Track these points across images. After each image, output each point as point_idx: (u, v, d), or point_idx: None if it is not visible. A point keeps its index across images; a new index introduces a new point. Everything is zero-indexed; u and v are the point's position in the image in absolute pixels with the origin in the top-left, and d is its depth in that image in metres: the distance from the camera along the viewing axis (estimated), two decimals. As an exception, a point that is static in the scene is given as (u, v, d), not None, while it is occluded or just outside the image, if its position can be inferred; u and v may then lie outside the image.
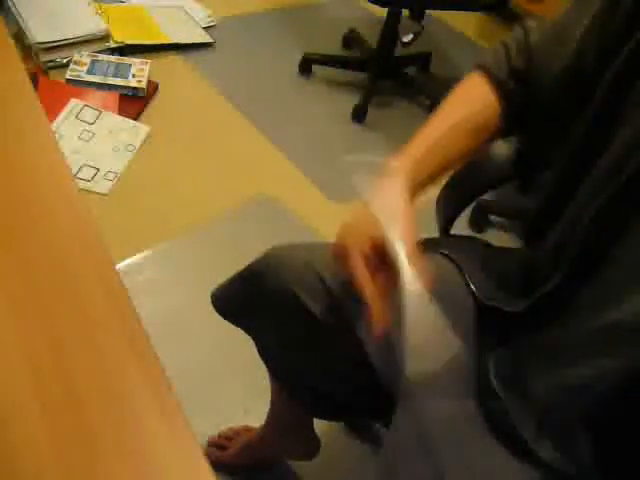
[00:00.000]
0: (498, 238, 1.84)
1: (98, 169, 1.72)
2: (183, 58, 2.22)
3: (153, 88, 2.03)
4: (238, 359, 1.30)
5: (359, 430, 1.29)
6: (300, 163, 1.92)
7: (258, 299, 0.79)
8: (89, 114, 1.86)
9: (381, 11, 2.14)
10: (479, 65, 0.73)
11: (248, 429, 1.19)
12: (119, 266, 1.49)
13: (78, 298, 0.52)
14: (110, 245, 0.57)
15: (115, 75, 1.98)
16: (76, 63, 1.98)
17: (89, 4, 2.19)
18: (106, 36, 2.10)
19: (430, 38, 2.69)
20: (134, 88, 1.96)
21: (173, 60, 2.21)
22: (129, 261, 1.52)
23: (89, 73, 1.96)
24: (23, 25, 1.96)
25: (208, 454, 1.17)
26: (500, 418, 0.63)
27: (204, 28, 2.37)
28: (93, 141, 1.80)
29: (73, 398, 0.46)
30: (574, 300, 0.60)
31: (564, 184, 0.66)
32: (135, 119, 1.90)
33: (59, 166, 0.64)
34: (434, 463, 0.61)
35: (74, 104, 1.87)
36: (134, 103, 1.95)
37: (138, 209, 1.65)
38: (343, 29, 2.50)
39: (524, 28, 0.72)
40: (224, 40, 2.35)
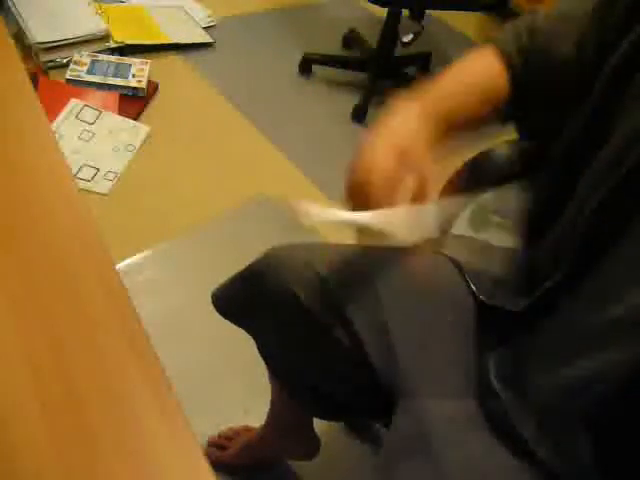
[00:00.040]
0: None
1: (98, 169, 1.72)
2: (183, 58, 2.22)
3: (153, 88, 2.03)
4: (238, 359, 1.30)
5: (359, 430, 1.29)
6: (300, 163, 1.92)
7: (258, 299, 0.79)
8: (89, 114, 1.86)
9: (381, 11, 2.14)
10: (489, 40, 0.74)
11: (248, 429, 1.20)
12: (119, 266, 1.49)
13: (78, 298, 0.52)
14: (110, 245, 0.57)
15: (115, 75, 1.98)
16: (76, 63, 1.98)
17: (89, 4, 2.19)
18: (106, 36, 2.10)
19: (430, 38, 2.69)
20: (134, 88, 1.96)
21: (173, 60, 2.21)
22: (129, 261, 1.52)
23: (89, 73, 1.96)
24: (23, 25, 1.96)
25: (208, 454, 1.17)
26: (500, 418, 0.63)
27: (204, 28, 2.37)
28: (93, 141, 1.80)
29: (73, 398, 0.46)
30: (575, 296, 0.60)
31: (564, 179, 0.66)
32: (135, 119, 1.90)
33: (59, 166, 0.64)
34: (434, 463, 0.61)
35: (74, 104, 1.87)
36: (134, 103, 1.95)
37: (138, 209, 1.65)
38: (343, 29, 2.51)
39: (532, 13, 0.73)
40: (224, 40, 2.35)
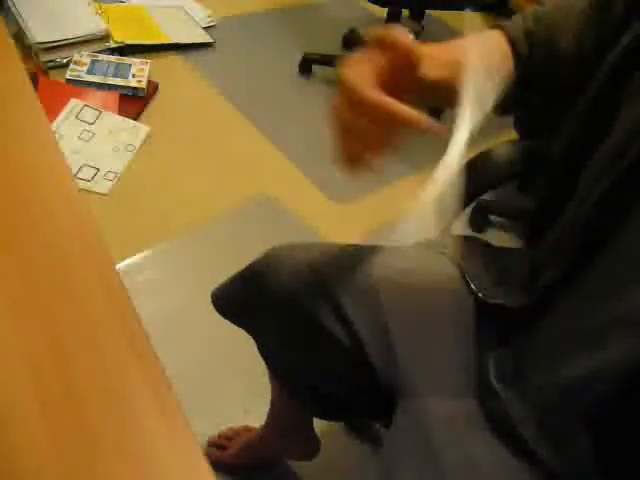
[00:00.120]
0: (498, 238, 1.84)
1: (98, 169, 1.72)
2: (183, 58, 2.22)
3: (153, 88, 2.03)
4: (238, 359, 1.30)
5: (359, 430, 1.29)
6: (300, 163, 1.92)
7: (258, 299, 0.79)
8: (89, 114, 1.86)
9: (381, 11, 2.14)
10: (496, 25, 0.74)
11: (248, 429, 1.20)
12: (119, 266, 1.49)
13: (78, 298, 0.52)
14: (110, 245, 0.57)
15: (115, 75, 1.98)
16: (76, 63, 1.98)
17: (89, 4, 2.19)
18: (106, 36, 2.10)
19: (430, 38, 2.68)
20: (134, 88, 1.96)
21: (173, 60, 2.21)
22: (129, 261, 1.52)
23: (89, 73, 1.96)
24: (23, 25, 1.96)
25: (208, 454, 1.17)
26: (500, 418, 0.63)
27: (204, 28, 2.37)
28: (93, 141, 1.80)
29: (73, 398, 0.46)
30: (574, 294, 0.60)
31: (564, 177, 0.66)
32: (135, 119, 1.90)
33: (59, 166, 0.64)
34: (434, 463, 0.61)
35: (74, 104, 1.87)
36: (134, 103, 1.95)
37: (138, 209, 1.65)
38: (343, 29, 2.50)
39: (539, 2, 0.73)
40: (224, 40, 2.35)
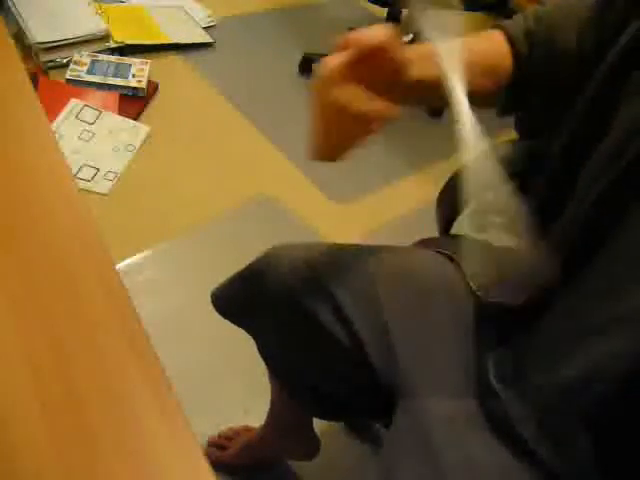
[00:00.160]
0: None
1: (98, 169, 1.72)
2: (183, 58, 2.22)
3: (153, 88, 2.03)
4: (238, 359, 1.30)
5: (359, 430, 1.29)
6: (300, 163, 1.92)
7: (258, 298, 0.79)
8: (89, 114, 1.86)
9: (381, 11, 2.14)
10: (496, 25, 0.74)
11: (248, 429, 1.20)
12: (119, 266, 1.49)
13: (78, 298, 0.52)
14: (110, 245, 0.57)
15: (115, 75, 1.98)
16: (76, 63, 1.98)
17: (89, 4, 2.19)
18: (106, 36, 2.10)
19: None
20: (134, 88, 1.96)
21: (173, 60, 2.21)
22: (129, 261, 1.52)
23: (89, 73, 1.96)
24: (23, 25, 1.96)
25: (208, 454, 1.17)
26: (500, 418, 0.63)
27: (204, 28, 2.37)
28: (93, 141, 1.80)
29: (73, 398, 0.46)
30: (573, 293, 0.60)
31: (564, 177, 0.66)
32: (135, 119, 1.90)
33: (59, 166, 0.64)
34: (434, 463, 0.61)
35: (74, 104, 1.87)
36: (134, 103, 1.95)
37: (138, 209, 1.65)
38: (343, 29, 2.49)
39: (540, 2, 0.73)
40: (224, 40, 2.35)
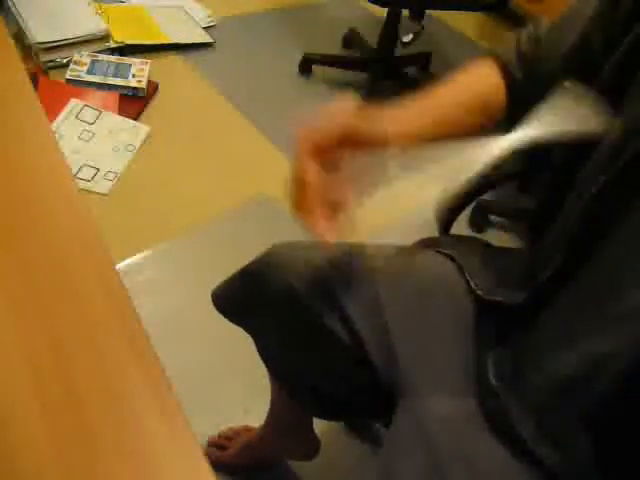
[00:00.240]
0: (498, 238, 1.84)
1: (98, 169, 1.72)
2: (183, 58, 2.22)
3: (153, 88, 2.03)
4: (238, 359, 1.30)
5: (359, 430, 1.29)
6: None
7: (258, 297, 0.79)
8: (89, 114, 1.86)
9: (381, 11, 2.14)
10: (489, 52, 0.74)
11: (248, 429, 1.20)
12: (119, 266, 1.49)
13: (78, 298, 0.52)
14: (110, 245, 0.57)
15: (115, 75, 1.98)
16: (76, 63, 1.98)
17: (89, 4, 2.19)
18: (106, 36, 2.10)
19: (430, 38, 2.69)
20: (134, 88, 1.96)
21: (173, 60, 2.21)
22: (129, 261, 1.52)
23: (89, 73, 1.96)
24: (23, 25, 1.96)
25: (208, 454, 1.17)
26: (499, 417, 0.63)
27: (204, 28, 2.37)
28: (93, 141, 1.80)
29: (73, 398, 0.46)
30: (573, 292, 0.60)
31: (564, 177, 0.67)
32: (135, 119, 1.90)
33: (59, 166, 0.64)
34: (434, 463, 0.61)
35: (74, 104, 1.87)
36: (134, 103, 1.95)
37: (138, 209, 1.65)
38: (343, 29, 2.50)
39: (535, 21, 0.73)
40: (224, 40, 2.35)
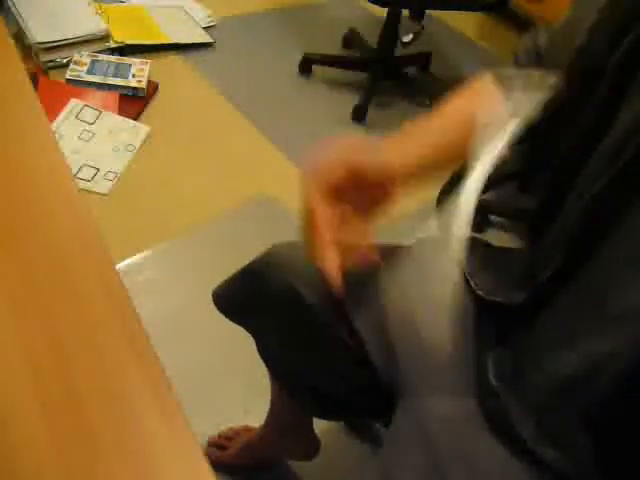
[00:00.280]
0: (498, 238, 1.84)
1: (98, 169, 1.72)
2: (183, 58, 2.22)
3: (153, 88, 2.03)
4: (238, 359, 1.30)
5: (359, 430, 1.29)
6: (300, 163, 1.92)
7: (258, 298, 0.79)
8: (89, 114, 1.86)
9: (381, 11, 2.14)
10: (486, 70, 0.73)
11: (248, 429, 1.20)
12: (119, 266, 1.49)
13: (78, 298, 0.53)
14: (110, 245, 0.57)
15: (115, 75, 1.98)
16: (76, 63, 1.98)
17: (89, 4, 2.19)
18: (106, 36, 2.10)
19: (430, 38, 2.69)
20: (134, 88, 1.96)
21: (173, 60, 2.21)
22: (129, 261, 1.52)
23: (89, 73, 1.96)
24: (23, 25, 1.96)
25: (208, 454, 1.17)
26: (499, 417, 0.63)
27: (204, 28, 2.37)
28: (93, 141, 1.80)
29: (73, 398, 0.46)
30: (573, 292, 0.60)
31: (564, 177, 0.66)
32: (135, 119, 1.90)
33: (59, 166, 0.64)
34: (434, 463, 0.61)
35: (74, 104, 1.87)
36: (134, 103, 1.95)
37: (138, 209, 1.65)
38: (343, 29, 2.50)
39: (531, 35, 0.72)
40: (224, 40, 2.35)
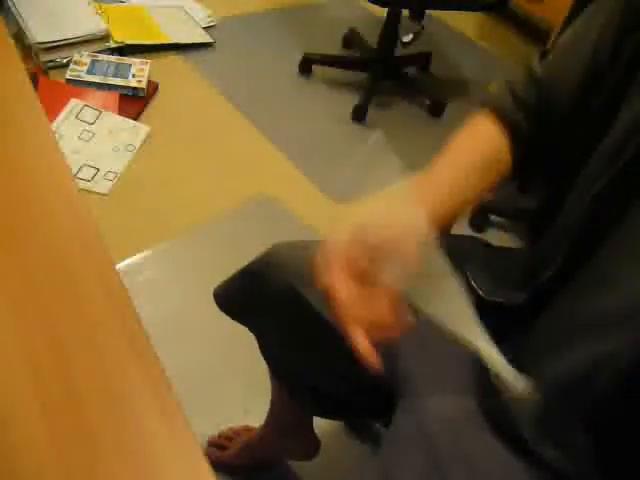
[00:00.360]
0: (498, 238, 1.84)
1: (98, 169, 1.72)
2: (183, 58, 2.22)
3: (153, 88, 2.03)
4: (238, 359, 1.30)
5: (359, 430, 1.29)
6: (300, 163, 1.92)
7: (258, 298, 0.79)
8: (89, 114, 1.86)
9: (381, 11, 2.14)
10: (483, 103, 0.72)
11: (248, 429, 1.20)
12: (119, 266, 1.49)
13: (78, 298, 0.53)
14: (110, 245, 0.57)
15: (115, 75, 1.98)
16: (76, 63, 1.98)
17: (89, 4, 2.19)
18: (106, 36, 2.10)
19: (430, 38, 2.69)
20: (134, 88, 1.96)
21: (173, 60, 2.21)
22: (129, 261, 1.52)
23: (89, 73, 1.96)
24: (23, 25, 1.96)
25: (208, 454, 1.17)
26: (500, 417, 0.63)
27: (204, 28, 2.37)
28: (93, 141, 1.80)
29: (73, 398, 0.46)
30: (573, 292, 0.60)
31: (564, 175, 0.67)
32: (135, 119, 1.90)
33: (59, 166, 0.64)
34: (434, 462, 0.61)
35: (74, 104, 1.87)
36: (134, 103, 1.95)
37: (138, 209, 1.65)
38: (343, 29, 2.50)
39: (526, 67, 0.71)
40: (224, 40, 2.35)
